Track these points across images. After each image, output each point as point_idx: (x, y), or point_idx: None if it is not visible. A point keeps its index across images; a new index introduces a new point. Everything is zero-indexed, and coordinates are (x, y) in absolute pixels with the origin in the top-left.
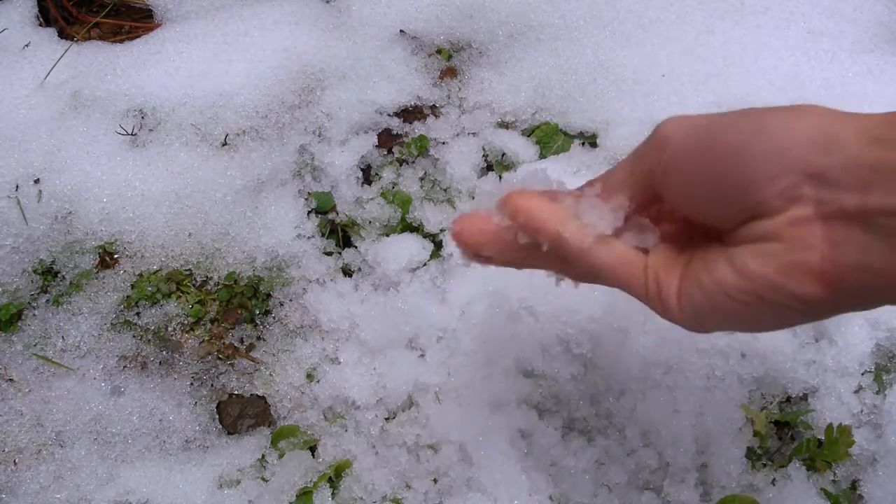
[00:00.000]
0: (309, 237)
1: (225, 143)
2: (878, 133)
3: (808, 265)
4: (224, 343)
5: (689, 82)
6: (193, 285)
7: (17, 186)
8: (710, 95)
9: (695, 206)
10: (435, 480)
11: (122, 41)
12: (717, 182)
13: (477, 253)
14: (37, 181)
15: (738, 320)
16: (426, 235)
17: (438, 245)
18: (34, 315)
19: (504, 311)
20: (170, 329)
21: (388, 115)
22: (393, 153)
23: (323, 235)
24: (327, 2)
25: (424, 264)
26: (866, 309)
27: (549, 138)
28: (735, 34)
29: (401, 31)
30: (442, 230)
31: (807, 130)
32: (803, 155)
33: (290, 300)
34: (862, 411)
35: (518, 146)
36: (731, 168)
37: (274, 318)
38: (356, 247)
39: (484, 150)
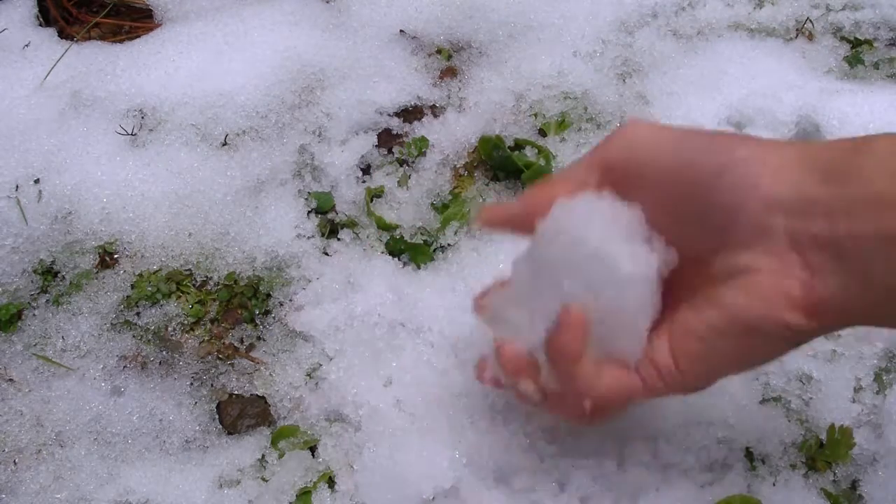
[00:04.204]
0: (309, 237)
1: (225, 143)
2: (828, 163)
3: (790, 293)
4: (224, 343)
5: (690, 82)
6: (193, 285)
7: (17, 186)
8: (712, 100)
9: (669, 221)
10: None
11: (122, 41)
12: (690, 203)
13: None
14: (37, 181)
15: (735, 362)
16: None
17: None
18: (34, 315)
19: None
20: (170, 329)
21: (388, 115)
22: (393, 153)
23: (323, 235)
24: (327, 2)
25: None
26: (847, 327)
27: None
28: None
29: (401, 31)
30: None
31: (774, 164)
32: (773, 189)
33: (290, 300)
34: (862, 411)
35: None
36: (704, 194)
37: (274, 318)
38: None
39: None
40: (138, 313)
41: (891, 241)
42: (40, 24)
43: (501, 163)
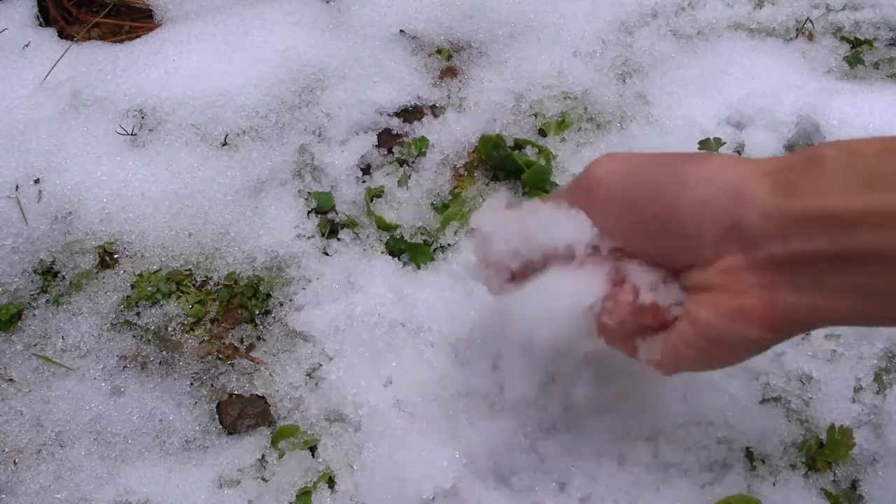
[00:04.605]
0: (309, 237)
1: (225, 143)
2: (783, 178)
3: (749, 311)
4: (224, 343)
5: (690, 82)
6: (193, 285)
7: (17, 186)
8: (712, 100)
9: (635, 251)
10: None
11: (122, 41)
12: (651, 233)
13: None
14: (37, 181)
15: (706, 364)
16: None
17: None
18: (34, 315)
19: None
20: (170, 329)
21: (388, 115)
22: (393, 153)
23: (323, 235)
24: (327, 2)
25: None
26: (811, 331)
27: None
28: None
29: (401, 31)
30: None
31: (724, 183)
32: (725, 209)
33: (290, 300)
34: (862, 411)
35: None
36: (662, 222)
37: (274, 318)
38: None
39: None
40: (138, 313)
41: (843, 258)
42: (40, 24)
43: (502, 162)
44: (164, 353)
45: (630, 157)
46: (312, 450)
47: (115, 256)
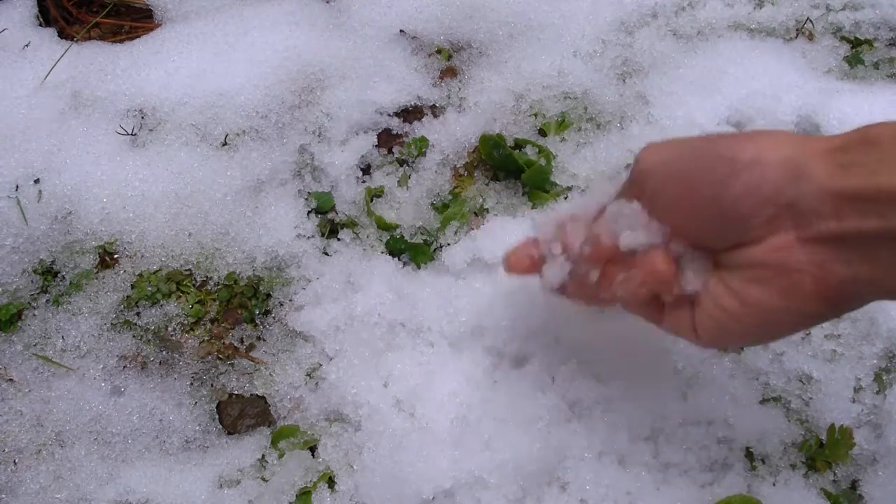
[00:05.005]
0: (309, 237)
1: (225, 143)
2: (839, 158)
3: (802, 287)
4: (224, 343)
5: (690, 82)
6: (193, 285)
7: (17, 186)
8: (712, 100)
9: (684, 234)
10: None
11: (122, 41)
12: (702, 217)
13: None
14: (37, 181)
15: (747, 338)
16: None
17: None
18: (34, 315)
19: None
20: (170, 329)
21: (388, 115)
22: (393, 153)
23: (323, 235)
24: (327, 2)
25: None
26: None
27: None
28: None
29: (401, 31)
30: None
31: (777, 162)
32: (778, 187)
33: (290, 300)
34: (862, 411)
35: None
36: (713, 205)
37: (274, 318)
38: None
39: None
40: (138, 313)
41: (894, 236)
42: (40, 24)
43: (502, 162)
44: (164, 353)
45: (673, 144)
46: (312, 450)
47: (115, 256)
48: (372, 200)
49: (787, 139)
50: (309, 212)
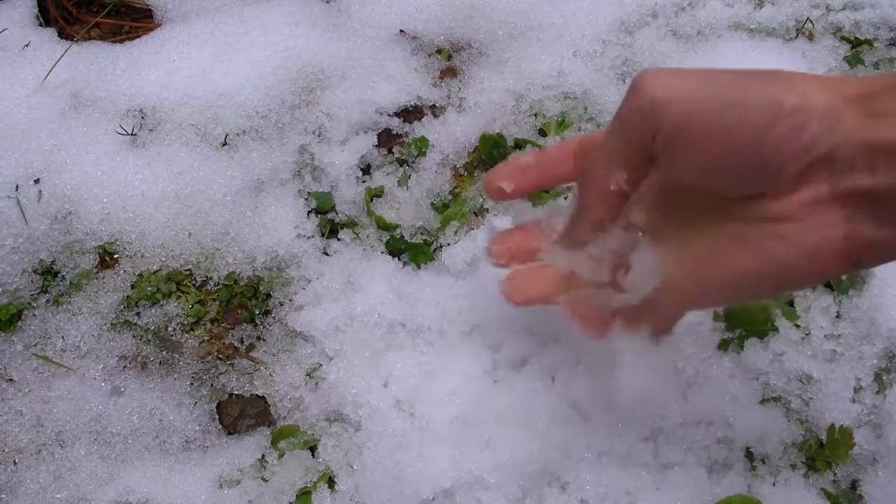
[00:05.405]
0: (309, 237)
1: (225, 143)
2: (869, 106)
3: (832, 245)
4: (224, 343)
5: None
6: (193, 285)
7: (17, 186)
8: None
9: (700, 180)
10: None
11: (122, 41)
12: (732, 162)
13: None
14: (37, 181)
15: (758, 295)
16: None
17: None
18: (34, 315)
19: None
20: (170, 329)
21: (388, 115)
22: (393, 153)
23: (323, 235)
24: (327, 2)
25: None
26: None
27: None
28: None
29: (401, 31)
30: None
31: (820, 109)
32: (815, 136)
33: (290, 300)
34: (862, 411)
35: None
36: (749, 151)
37: (274, 318)
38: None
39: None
40: (138, 313)
41: None
42: (40, 24)
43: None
44: (164, 353)
45: (691, 75)
46: (312, 450)
47: (115, 256)
48: (372, 200)
49: (826, 84)
50: (309, 212)
